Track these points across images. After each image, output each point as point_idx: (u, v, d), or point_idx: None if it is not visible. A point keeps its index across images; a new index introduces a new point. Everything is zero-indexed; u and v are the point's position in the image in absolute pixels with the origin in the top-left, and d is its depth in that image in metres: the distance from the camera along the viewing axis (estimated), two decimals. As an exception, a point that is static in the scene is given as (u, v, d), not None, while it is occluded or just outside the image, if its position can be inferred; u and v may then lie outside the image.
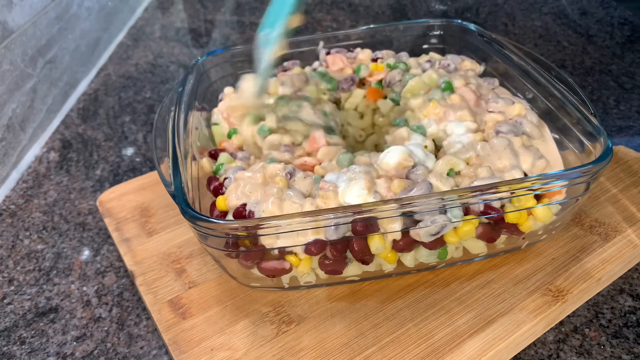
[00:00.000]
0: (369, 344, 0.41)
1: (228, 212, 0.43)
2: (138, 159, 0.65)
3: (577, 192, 0.42)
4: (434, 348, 0.40)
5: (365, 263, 0.42)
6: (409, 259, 0.43)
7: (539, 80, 0.50)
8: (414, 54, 0.60)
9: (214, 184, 0.46)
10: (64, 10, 0.74)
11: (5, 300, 0.49)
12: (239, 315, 0.44)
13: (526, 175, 0.42)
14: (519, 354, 0.42)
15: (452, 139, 0.47)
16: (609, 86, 0.72)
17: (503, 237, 0.44)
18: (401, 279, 0.46)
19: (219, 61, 0.58)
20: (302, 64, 0.60)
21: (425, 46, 0.62)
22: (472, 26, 0.59)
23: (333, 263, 0.41)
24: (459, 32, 0.60)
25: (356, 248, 0.40)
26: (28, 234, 0.55)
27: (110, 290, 0.49)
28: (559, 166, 0.45)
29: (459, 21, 0.60)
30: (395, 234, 0.40)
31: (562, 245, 0.48)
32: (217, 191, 0.45)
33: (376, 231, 0.39)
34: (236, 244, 0.40)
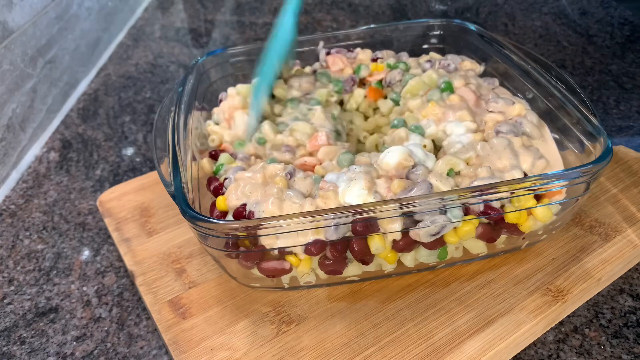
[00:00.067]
0: (369, 344, 0.41)
1: (228, 213, 0.43)
2: (138, 159, 0.65)
3: (577, 192, 0.42)
4: (434, 348, 0.40)
5: (365, 263, 0.42)
6: (409, 259, 0.43)
7: (539, 80, 0.50)
8: (414, 54, 0.60)
9: (214, 184, 0.46)
10: (64, 10, 0.74)
11: (5, 300, 0.49)
12: (239, 315, 0.44)
13: (526, 175, 0.42)
14: (519, 354, 0.42)
15: (452, 139, 0.47)
16: (609, 86, 0.72)
17: (503, 237, 0.44)
18: (401, 279, 0.46)
19: (219, 61, 0.58)
20: (302, 64, 0.60)
21: (425, 46, 0.62)
22: (472, 26, 0.59)
23: (333, 263, 0.41)
24: (459, 32, 0.60)
25: (356, 248, 0.40)
26: (28, 234, 0.55)
27: (110, 290, 0.49)
28: (559, 166, 0.45)
29: (459, 21, 0.60)
30: (395, 234, 0.40)
31: (562, 245, 0.48)
32: (217, 191, 0.45)
33: (376, 231, 0.39)
34: (236, 244, 0.40)
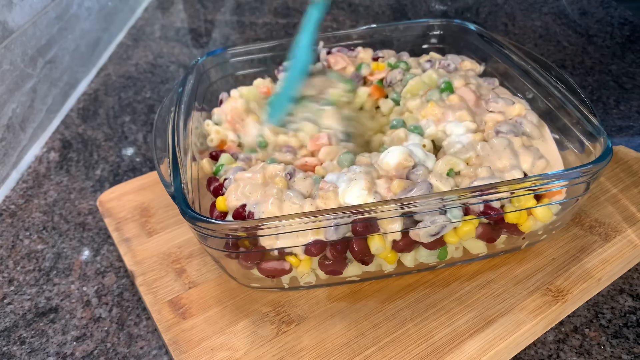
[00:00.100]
0: (369, 344, 0.41)
1: (228, 213, 0.43)
2: (138, 159, 0.65)
3: (577, 192, 0.42)
4: (434, 348, 0.40)
5: (365, 263, 0.42)
6: (409, 259, 0.43)
7: (539, 80, 0.50)
8: (414, 54, 0.60)
9: (214, 184, 0.46)
10: (64, 10, 0.74)
11: (5, 300, 0.49)
12: (239, 315, 0.44)
13: (526, 175, 0.42)
14: (519, 354, 0.42)
15: (452, 139, 0.47)
16: (609, 86, 0.72)
17: (503, 237, 0.44)
18: (401, 279, 0.46)
19: (219, 61, 0.58)
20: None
21: (425, 46, 0.62)
22: (472, 26, 0.59)
23: (333, 263, 0.41)
24: (459, 32, 0.60)
25: (356, 248, 0.40)
26: (28, 234, 0.55)
27: (110, 290, 0.49)
28: (559, 166, 0.45)
29: (459, 21, 0.60)
30: (395, 234, 0.40)
31: (562, 245, 0.48)
32: (217, 192, 0.45)
33: (376, 231, 0.39)
34: (236, 244, 0.40)
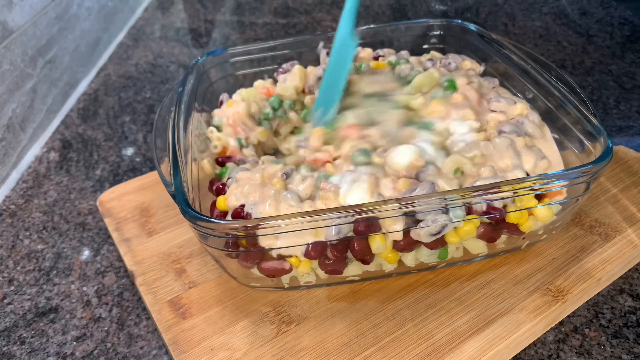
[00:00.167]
0: (369, 344, 0.41)
1: (228, 212, 0.43)
2: (138, 159, 0.65)
3: (577, 192, 0.42)
4: (434, 348, 0.40)
5: (366, 263, 0.42)
6: (410, 259, 0.43)
7: (539, 80, 0.50)
8: (414, 54, 0.60)
9: (217, 184, 0.46)
10: (64, 10, 0.74)
11: (5, 300, 0.49)
12: (239, 315, 0.44)
13: (528, 175, 0.42)
14: (519, 354, 0.42)
15: (455, 138, 0.46)
16: (609, 86, 0.72)
17: (503, 237, 0.44)
18: (401, 279, 0.46)
19: (219, 61, 0.58)
20: (303, 64, 0.60)
21: (425, 46, 0.62)
22: (472, 26, 0.59)
23: (333, 263, 0.41)
24: (459, 32, 0.60)
25: (357, 248, 0.40)
26: (28, 234, 0.55)
27: (110, 290, 0.49)
28: (560, 166, 0.45)
29: (459, 21, 0.60)
30: (396, 234, 0.40)
31: (562, 245, 0.48)
32: (220, 191, 0.45)
33: (377, 231, 0.39)
34: (236, 244, 0.40)
